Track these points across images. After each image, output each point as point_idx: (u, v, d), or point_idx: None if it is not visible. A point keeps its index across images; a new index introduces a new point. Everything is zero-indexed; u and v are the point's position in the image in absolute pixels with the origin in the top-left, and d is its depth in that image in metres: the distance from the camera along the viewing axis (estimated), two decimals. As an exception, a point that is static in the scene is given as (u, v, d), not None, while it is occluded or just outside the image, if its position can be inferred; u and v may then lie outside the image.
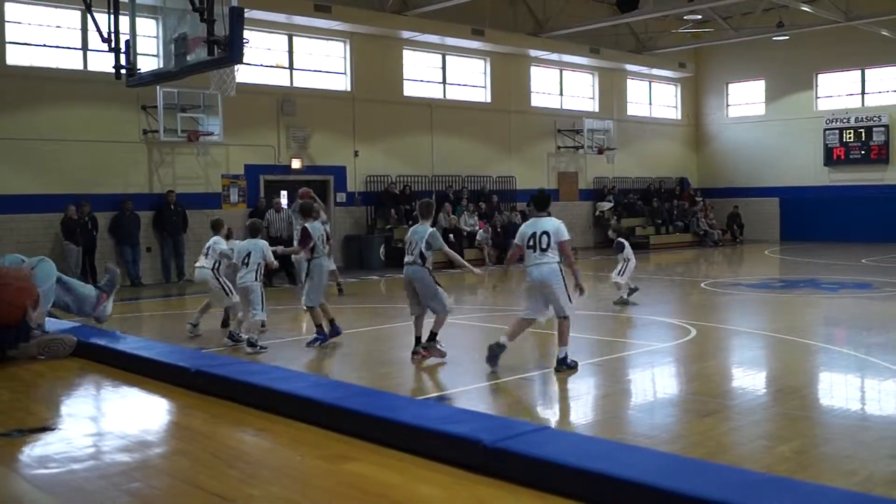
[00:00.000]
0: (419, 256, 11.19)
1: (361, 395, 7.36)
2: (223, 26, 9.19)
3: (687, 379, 11.11)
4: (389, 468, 5.75)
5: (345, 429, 6.52)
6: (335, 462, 5.78)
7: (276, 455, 6.04)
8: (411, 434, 6.22)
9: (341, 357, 12.60)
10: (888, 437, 8.10)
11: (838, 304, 17.90)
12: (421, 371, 11.48)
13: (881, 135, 33.77)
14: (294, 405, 7.04)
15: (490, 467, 5.75)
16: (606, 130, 33.10)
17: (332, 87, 26.61)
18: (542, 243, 10.70)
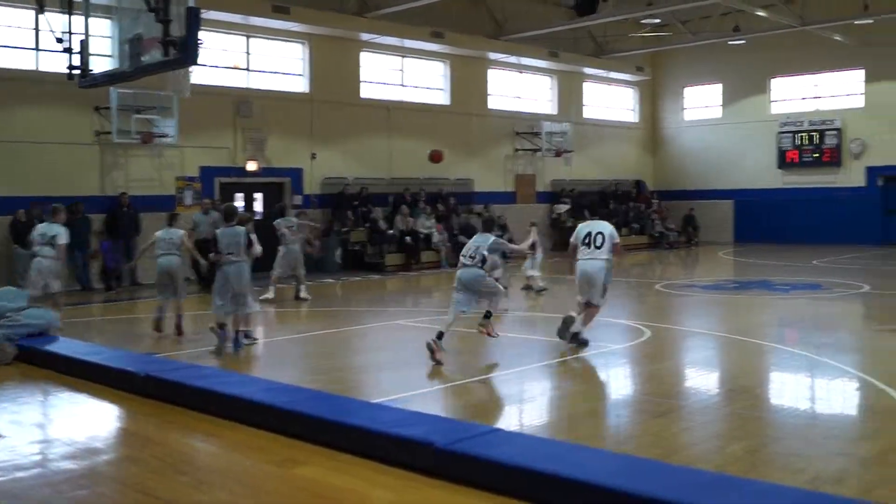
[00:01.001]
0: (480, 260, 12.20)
1: (313, 399, 7.33)
2: (179, 27, 9.11)
3: (641, 380, 11.17)
4: (341, 472, 5.72)
5: (296, 433, 6.48)
6: (286, 466, 5.75)
7: (227, 460, 6.00)
8: (363, 437, 6.20)
9: (295, 361, 12.53)
10: (836, 436, 8.20)
11: (789, 304, 18.08)
12: (375, 374, 11.46)
13: (833, 138, 34.16)
14: (245, 409, 7.00)
15: (442, 470, 5.74)
16: (564, 133, 33.17)
17: (290, 88, 26.43)
18: (598, 242, 12.63)
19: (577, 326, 12.60)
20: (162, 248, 14.03)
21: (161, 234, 14.22)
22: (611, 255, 12.68)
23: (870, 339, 14.29)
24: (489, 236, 12.46)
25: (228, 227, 12.78)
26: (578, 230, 13.03)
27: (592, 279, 12.63)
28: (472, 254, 12.22)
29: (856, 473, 6.96)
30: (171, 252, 13.95)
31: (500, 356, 12.60)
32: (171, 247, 13.97)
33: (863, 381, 10.36)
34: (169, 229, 14.22)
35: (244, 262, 12.70)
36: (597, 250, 12.62)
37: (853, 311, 17.45)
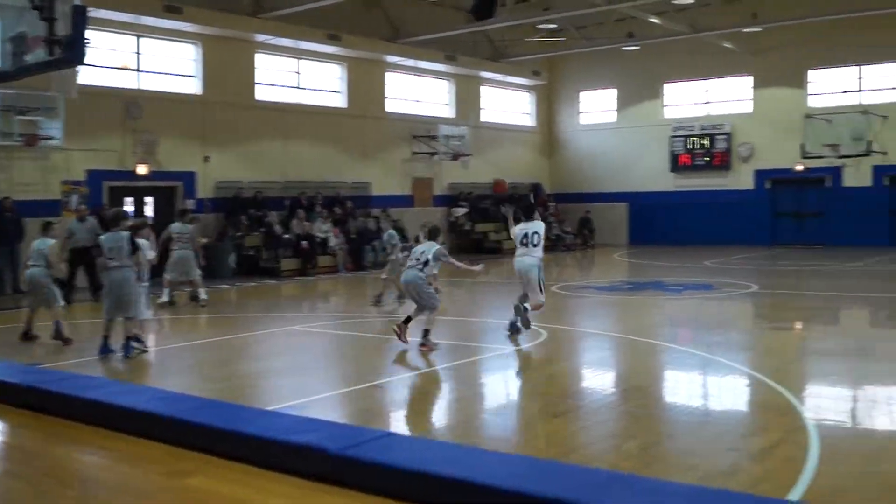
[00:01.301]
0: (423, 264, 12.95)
1: (206, 408, 7.17)
2: (65, 25, 8.86)
3: (538, 381, 11.25)
4: (235, 482, 5.62)
5: (188, 443, 6.34)
6: (178, 478, 5.62)
7: (115, 473, 5.84)
8: (257, 446, 6.09)
9: (189, 369, 12.31)
10: (727, 432, 8.36)
11: (682, 304, 18.44)
12: (270, 381, 11.33)
13: (723, 142, 35.03)
14: (134, 420, 6.80)
15: (337, 476, 5.68)
16: (462, 136, 33.28)
17: (182, 90, 25.95)
18: (535, 241, 13.60)
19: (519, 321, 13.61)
20: (32, 258, 13.63)
21: (36, 243, 13.78)
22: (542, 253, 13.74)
23: (759, 338, 14.65)
24: (434, 244, 13.20)
25: (112, 233, 12.53)
26: (517, 230, 13.92)
27: (526, 275, 13.57)
28: (417, 257, 13.04)
29: (745, 468, 7.12)
30: (38, 263, 13.48)
31: (397, 360, 12.57)
32: (39, 257, 13.50)
33: (752, 378, 10.60)
34: (43, 238, 13.78)
35: (128, 268, 12.43)
36: (533, 248, 13.61)
37: (743, 311, 17.86)
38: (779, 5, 29.75)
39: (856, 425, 8.61)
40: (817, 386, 10.49)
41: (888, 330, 15.12)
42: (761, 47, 33.21)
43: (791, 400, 9.24)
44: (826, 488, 6.50)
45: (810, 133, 30.93)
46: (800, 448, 7.46)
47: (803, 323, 15.69)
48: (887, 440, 8.03)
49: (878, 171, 31.91)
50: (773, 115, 33.69)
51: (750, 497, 6.01)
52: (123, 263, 12.38)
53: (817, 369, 11.50)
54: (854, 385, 10.49)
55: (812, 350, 12.94)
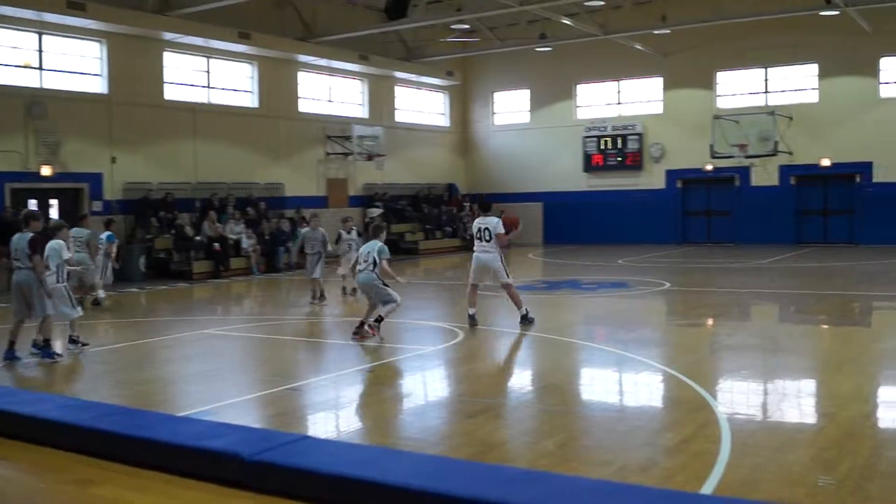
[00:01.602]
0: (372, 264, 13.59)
1: (113, 415, 7.00)
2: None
3: (454, 381, 11.22)
4: (144, 490, 5.48)
5: (95, 451, 6.17)
6: (83, 486, 5.46)
7: (20, 483, 5.67)
8: (167, 452, 5.96)
9: (97, 375, 12.00)
10: (641, 427, 8.44)
11: (597, 303, 18.62)
12: (182, 386, 11.12)
13: (635, 142, 35.51)
14: (38, 429, 6.61)
15: (250, 481, 5.58)
16: (376, 137, 33.19)
17: (87, 89, 25.30)
18: (486, 236, 14.89)
19: (523, 310, 14.82)
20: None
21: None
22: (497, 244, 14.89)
23: (672, 334, 14.87)
24: (377, 242, 13.79)
25: (20, 234, 12.31)
26: (473, 225, 15.52)
27: (488, 266, 14.89)
28: (365, 258, 13.65)
29: (659, 462, 7.18)
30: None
31: (314, 362, 12.47)
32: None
33: (666, 374, 10.72)
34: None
35: (30, 270, 12.14)
36: (486, 243, 14.90)
37: (656, 308, 18.09)
38: (687, 8, 30.27)
39: (766, 418, 8.75)
40: (729, 381, 10.65)
41: (795, 325, 15.45)
42: (671, 49, 33.77)
43: (703, 395, 9.37)
44: (738, 481, 6.59)
45: (719, 133, 31.53)
46: (712, 442, 7.56)
47: (714, 319, 15.93)
48: (795, 432, 8.20)
49: (784, 170, 32.65)
50: (683, 116, 34.29)
51: (664, 491, 6.09)
52: (26, 265, 12.14)
53: (728, 364, 11.68)
54: (764, 379, 10.69)
55: (723, 345, 13.14)
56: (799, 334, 14.37)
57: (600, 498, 5.52)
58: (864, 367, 11.17)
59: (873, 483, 6.49)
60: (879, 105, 31.21)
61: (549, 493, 5.47)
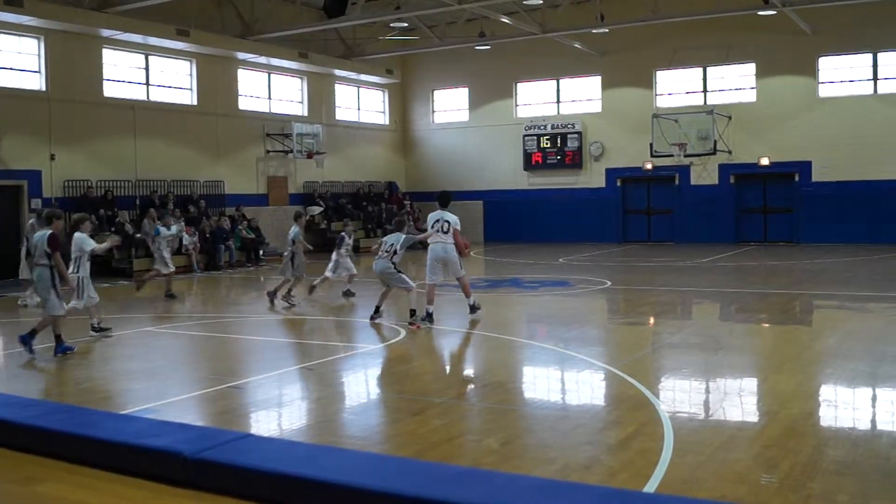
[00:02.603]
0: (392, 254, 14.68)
1: (54, 413, 6.92)
2: None
3: (397, 379, 11.22)
4: (86, 487, 5.42)
5: (36, 449, 6.10)
6: (26, 485, 5.40)
7: (-42, 482, 5.58)
8: (108, 450, 5.89)
9: (37, 374, 11.84)
10: (584, 425, 8.48)
11: (538, 301, 18.72)
12: (124, 384, 11.00)
13: (575, 141, 35.72)
14: (-23, 426, 6.52)
15: (192, 479, 5.53)
16: (315, 135, 33.11)
17: (25, 86, 24.97)
18: (444, 228, 15.04)
19: (471, 300, 15.39)
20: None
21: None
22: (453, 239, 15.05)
23: (613, 332, 14.98)
24: (401, 235, 14.99)
25: (41, 231, 12.77)
26: (428, 218, 15.62)
27: (445, 259, 15.10)
28: (386, 248, 14.77)
29: (602, 460, 7.23)
30: None
31: (256, 360, 12.41)
32: None
33: (608, 373, 10.79)
34: None
35: (45, 266, 12.47)
36: (444, 234, 15.06)
37: (597, 306, 18.22)
38: (625, 7, 30.46)
39: (708, 417, 8.81)
40: (670, 379, 10.72)
41: (736, 323, 15.60)
42: (609, 48, 34.07)
43: (645, 393, 9.44)
44: (681, 479, 6.64)
45: (658, 132, 31.82)
46: (655, 440, 7.62)
47: (656, 318, 16.08)
48: (737, 430, 8.25)
49: (723, 169, 33.05)
50: (623, 115, 34.58)
51: (607, 489, 6.13)
52: (42, 262, 12.46)
53: (670, 363, 11.77)
54: (706, 377, 10.77)
55: (665, 344, 13.24)
56: (740, 333, 14.50)
57: (544, 496, 5.54)
58: (806, 366, 11.29)
59: (815, 481, 6.55)
60: (818, 105, 31.70)
61: (493, 492, 5.48)
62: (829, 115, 31.30)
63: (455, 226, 15.11)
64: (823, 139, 31.29)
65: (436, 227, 15.21)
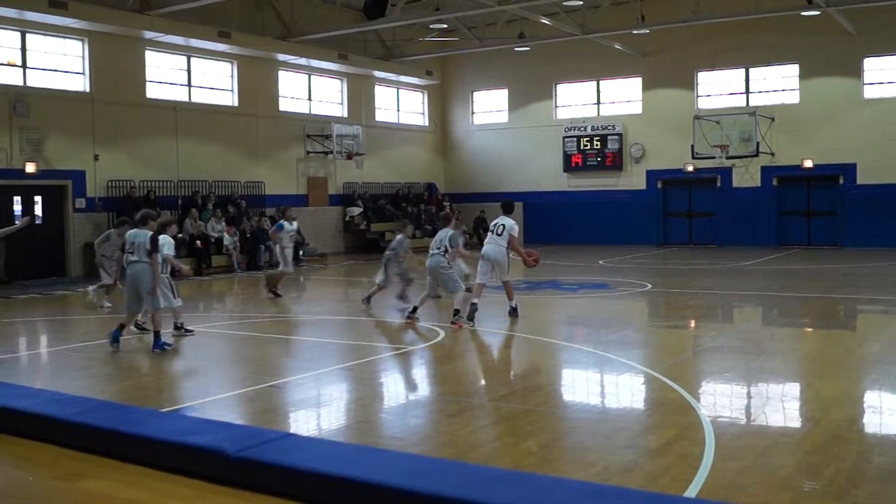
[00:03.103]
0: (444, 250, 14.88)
1: (100, 410, 6.98)
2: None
3: (436, 380, 11.23)
4: (130, 485, 5.47)
5: (82, 446, 6.16)
6: (71, 481, 5.45)
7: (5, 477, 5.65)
8: (152, 448, 5.94)
9: (81, 370, 11.97)
10: (624, 429, 8.42)
11: (578, 303, 18.64)
12: (166, 382, 11.10)
13: (615, 143, 35.55)
14: (25, 423, 6.59)
15: (234, 478, 5.57)
16: (355, 136, 33.19)
17: (70, 87, 25.29)
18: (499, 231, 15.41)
19: (513, 303, 15.57)
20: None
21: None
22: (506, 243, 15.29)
23: (653, 336, 14.87)
24: (449, 230, 15.18)
25: (137, 230, 13.11)
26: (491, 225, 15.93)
27: (497, 261, 15.31)
28: (437, 245, 15.00)
29: (642, 464, 7.17)
30: None
31: (296, 360, 12.47)
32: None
33: (649, 376, 10.73)
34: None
35: (146, 263, 12.86)
36: (498, 237, 15.38)
37: (638, 309, 18.13)
38: (666, 8, 30.23)
39: (750, 422, 8.72)
40: (712, 383, 10.65)
41: (778, 327, 15.46)
42: (650, 49, 33.87)
43: (686, 397, 9.37)
44: (722, 484, 6.57)
45: (700, 134, 31.59)
46: (696, 444, 7.56)
47: (697, 321, 15.97)
48: (780, 436, 8.16)
49: (766, 171, 32.74)
50: (664, 116, 34.37)
51: (648, 494, 6.09)
52: (143, 260, 12.87)
53: (712, 367, 11.67)
54: (747, 382, 10.66)
55: (706, 348, 13.15)
56: (782, 337, 14.36)
57: (585, 500, 5.50)
58: (850, 371, 11.14)
59: (860, 489, 6.47)
60: (863, 106, 31.27)
61: (534, 495, 5.46)
62: (875, 117, 30.90)
63: (510, 230, 15.33)
64: (868, 141, 30.89)
65: (492, 229, 15.60)
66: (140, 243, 12.87)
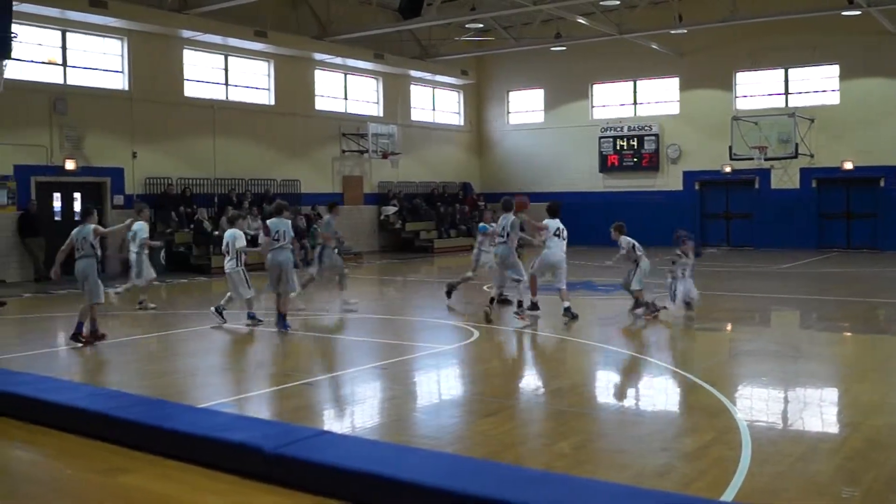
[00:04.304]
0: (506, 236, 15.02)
1: (138, 405, 7.06)
2: (-11, 19, 8.66)
3: (470, 380, 11.22)
4: (168, 479, 5.52)
5: (121, 440, 6.23)
6: (110, 475, 5.50)
7: (46, 469, 5.72)
8: (190, 443, 6.00)
9: (120, 366, 12.08)
10: (659, 432, 8.39)
11: (612, 304, 18.55)
12: (203, 378, 11.16)
13: (652, 143, 35.35)
14: (65, 416, 6.67)
15: (271, 474, 5.60)
16: (391, 135, 33.24)
17: (109, 85, 25.54)
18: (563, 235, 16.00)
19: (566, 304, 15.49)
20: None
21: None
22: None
23: (689, 338, 14.79)
24: (510, 215, 15.18)
25: (276, 219, 14.46)
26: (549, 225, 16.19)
27: (557, 265, 16.00)
28: (500, 232, 15.16)
29: (677, 468, 7.13)
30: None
31: (330, 358, 12.51)
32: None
33: (683, 379, 10.68)
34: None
35: (289, 250, 14.35)
36: (562, 241, 15.99)
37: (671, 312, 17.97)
38: (704, 7, 30.03)
39: (787, 426, 8.64)
40: (748, 387, 10.54)
41: (817, 331, 15.27)
42: (688, 49, 33.66)
43: (722, 400, 9.29)
44: (758, 489, 6.51)
45: (738, 135, 31.31)
46: (732, 448, 7.50)
47: (733, 324, 15.85)
48: (817, 441, 8.08)
49: (805, 173, 32.40)
50: (701, 117, 34.13)
51: (682, 497, 6.07)
52: (289, 246, 14.29)
53: (748, 370, 11.58)
54: (785, 386, 10.55)
55: (742, 351, 13.03)
56: (821, 341, 14.16)
57: (618, 501, 5.52)
58: (889, 376, 11.03)
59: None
60: (905, 107, 30.93)
61: (567, 495, 5.47)
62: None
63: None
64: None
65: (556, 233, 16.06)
66: (287, 230, 14.21)
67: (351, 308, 16.80)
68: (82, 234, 13.15)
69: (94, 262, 13.32)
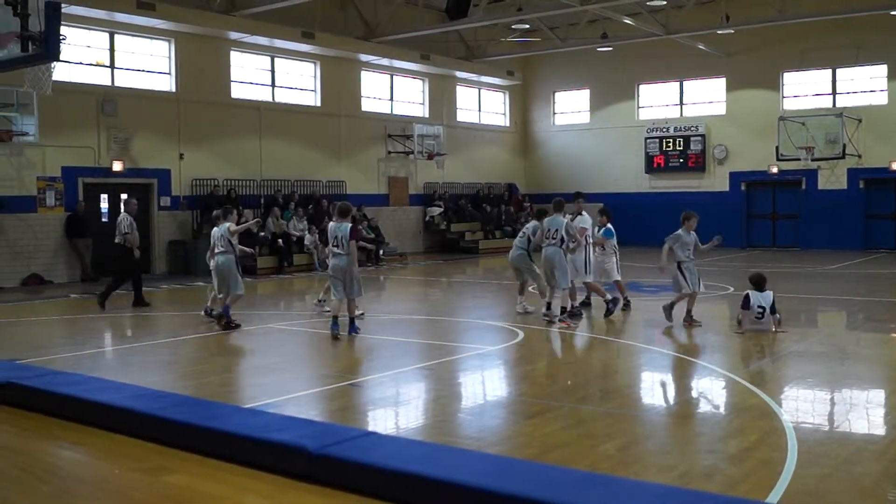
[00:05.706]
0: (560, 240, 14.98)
1: (183, 405, 7.13)
2: (38, 21, 8.77)
3: (515, 381, 11.22)
4: (212, 479, 5.57)
5: (166, 440, 6.30)
6: (155, 474, 5.56)
7: (92, 468, 5.79)
8: (234, 443, 6.05)
9: (166, 366, 12.20)
10: (704, 433, 8.35)
11: (658, 306, 18.40)
12: (247, 379, 11.26)
13: (698, 144, 35.11)
14: (111, 416, 6.76)
15: (315, 474, 5.63)
16: (436, 136, 33.29)
17: (156, 87, 25.81)
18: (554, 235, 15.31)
19: (608, 296, 15.95)
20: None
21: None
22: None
23: (734, 339, 14.64)
24: (561, 219, 15.17)
25: (337, 223, 13.91)
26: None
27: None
28: (552, 234, 15.00)
29: (723, 470, 7.08)
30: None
31: (375, 359, 12.56)
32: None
33: (728, 380, 10.61)
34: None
35: (347, 256, 13.68)
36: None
37: (718, 312, 17.91)
38: (751, 8, 29.78)
39: (833, 428, 8.57)
40: (794, 388, 10.45)
41: (864, 333, 15.12)
42: (734, 49, 33.41)
43: (768, 402, 9.23)
44: (804, 491, 6.47)
45: (785, 135, 31.04)
46: (778, 450, 7.44)
47: (779, 325, 15.68)
48: (864, 443, 8.01)
49: (853, 174, 32.03)
50: (748, 117, 33.86)
51: (728, 498, 6.03)
52: (345, 251, 13.68)
53: (794, 372, 11.46)
54: (831, 388, 10.45)
55: (789, 352, 12.90)
56: (868, 343, 14.02)
57: (663, 503, 5.49)
58: (938, 378, 10.92)
59: (947, 499, 6.33)
60: (955, 107, 30.44)
61: (612, 497, 5.46)
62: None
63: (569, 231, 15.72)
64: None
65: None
66: (343, 236, 13.68)
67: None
68: (220, 231, 14.83)
69: (234, 258, 14.80)
